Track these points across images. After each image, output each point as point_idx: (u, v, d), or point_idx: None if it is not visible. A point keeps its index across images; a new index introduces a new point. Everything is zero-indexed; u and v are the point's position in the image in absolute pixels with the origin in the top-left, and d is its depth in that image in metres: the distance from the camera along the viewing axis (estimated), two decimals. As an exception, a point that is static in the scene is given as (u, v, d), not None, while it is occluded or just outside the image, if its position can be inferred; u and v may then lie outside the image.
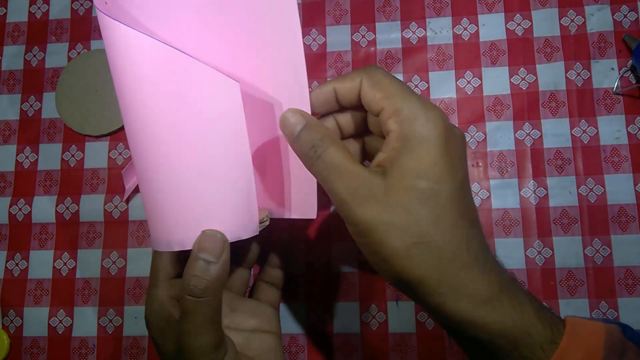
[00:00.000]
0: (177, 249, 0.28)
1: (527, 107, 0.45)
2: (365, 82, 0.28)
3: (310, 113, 0.29)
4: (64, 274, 0.46)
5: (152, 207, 0.29)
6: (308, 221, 0.45)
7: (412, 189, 0.25)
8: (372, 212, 0.25)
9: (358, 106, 0.30)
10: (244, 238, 0.29)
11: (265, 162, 0.33)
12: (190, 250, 0.28)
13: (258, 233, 0.30)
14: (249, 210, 0.29)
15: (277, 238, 0.45)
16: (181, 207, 0.28)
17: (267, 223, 0.31)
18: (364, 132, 0.33)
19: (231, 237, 0.28)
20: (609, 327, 0.27)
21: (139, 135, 0.28)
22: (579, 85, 0.44)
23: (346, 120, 0.32)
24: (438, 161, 0.26)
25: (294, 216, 0.33)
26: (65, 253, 0.47)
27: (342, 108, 0.31)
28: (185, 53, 0.26)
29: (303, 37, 0.48)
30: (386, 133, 0.27)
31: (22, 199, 0.48)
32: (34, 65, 0.50)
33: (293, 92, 0.30)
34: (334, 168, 0.26)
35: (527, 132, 0.44)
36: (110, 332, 0.45)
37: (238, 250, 0.36)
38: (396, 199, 0.25)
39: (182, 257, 0.32)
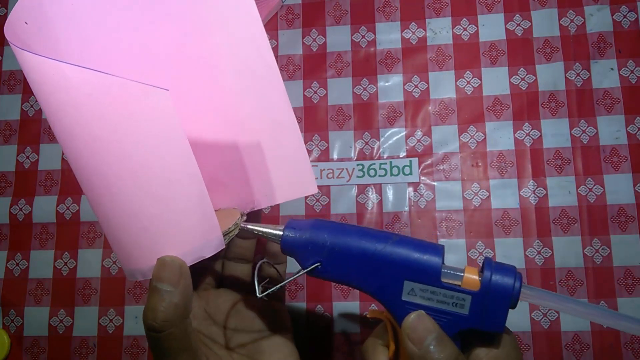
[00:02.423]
0: (141, 278, 0.27)
1: (526, 107, 0.45)
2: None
3: (278, 75, 0.28)
4: (65, 274, 0.46)
5: (111, 238, 0.27)
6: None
7: None
8: None
9: None
10: (208, 256, 0.27)
11: (240, 154, 0.31)
12: None
13: (225, 246, 0.28)
14: (208, 226, 0.27)
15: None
16: (134, 236, 0.26)
17: (237, 231, 0.29)
18: None
19: (192, 258, 0.26)
20: None
21: (78, 168, 0.26)
22: (579, 85, 0.44)
23: None
24: None
25: (293, 197, 0.31)
26: (66, 253, 0.47)
27: None
28: (104, 72, 0.23)
29: (303, 38, 0.48)
30: None
31: (22, 199, 0.48)
32: (34, 65, 0.50)
33: (258, 67, 0.28)
34: None
35: (527, 132, 0.44)
36: (110, 332, 0.45)
37: (230, 248, 0.35)
38: None
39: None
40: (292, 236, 0.29)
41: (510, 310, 0.26)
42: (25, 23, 0.25)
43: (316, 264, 0.28)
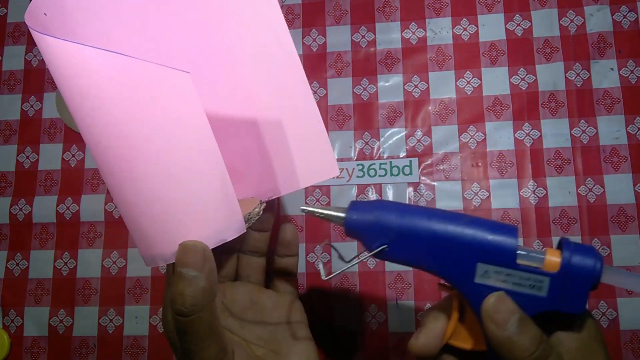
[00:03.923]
0: (161, 263, 0.27)
1: (526, 107, 0.45)
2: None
3: (298, 62, 0.28)
4: (65, 274, 0.46)
5: (131, 224, 0.27)
6: (308, 221, 0.45)
7: None
8: None
9: None
10: (230, 239, 0.27)
11: (257, 142, 0.31)
12: None
13: (246, 230, 0.28)
14: (229, 210, 0.27)
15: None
16: (156, 220, 0.26)
17: (258, 216, 0.29)
18: None
19: (214, 242, 0.27)
20: None
21: (99, 153, 0.26)
22: (579, 85, 0.44)
23: None
24: None
25: (316, 180, 0.31)
26: (66, 253, 0.47)
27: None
28: (126, 55, 0.23)
29: (303, 38, 0.48)
30: None
31: (22, 199, 0.48)
32: (34, 65, 0.50)
33: (276, 53, 0.28)
34: None
35: (527, 132, 0.44)
36: (110, 332, 0.45)
37: (245, 240, 0.35)
38: None
39: None
40: (356, 218, 0.28)
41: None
42: (45, 14, 0.25)
43: (383, 247, 0.27)
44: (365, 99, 0.46)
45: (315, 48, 0.48)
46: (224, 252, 0.34)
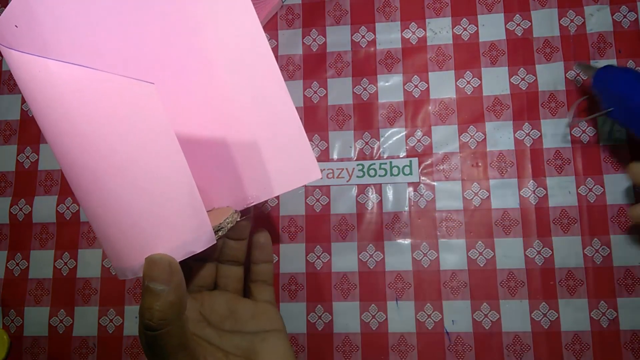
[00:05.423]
0: (131, 276, 0.27)
1: (526, 107, 0.45)
2: None
3: (275, 66, 0.28)
4: (65, 274, 0.46)
5: (100, 236, 0.27)
6: (308, 221, 0.45)
7: None
8: None
9: None
10: (199, 251, 0.27)
11: (229, 152, 0.31)
12: None
13: (215, 241, 0.28)
14: (198, 220, 0.27)
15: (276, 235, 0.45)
16: (123, 233, 0.26)
17: (231, 224, 0.29)
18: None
19: (182, 254, 0.26)
20: None
21: (66, 166, 0.26)
22: (579, 85, 0.44)
23: None
24: None
25: (296, 185, 0.31)
26: (66, 253, 0.47)
27: None
28: (90, 67, 0.23)
29: (303, 38, 0.48)
30: None
31: (22, 199, 0.48)
32: (34, 65, 0.50)
33: (253, 59, 0.28)
34: None
35: (527, 132, 0.44)
36: (110, 332, 0.45)
37: (221, 250, 0.35)
38: None
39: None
40: (602, 81, 0.39)
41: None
42: (16, 26, 0.25)
43: (609, 109, 0.39)
44: (365, 99, 0.46)
45: (315, 48, 0.48)
46: (201, 261, 0.34)
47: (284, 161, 0.30)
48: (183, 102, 0.30)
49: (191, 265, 0.34)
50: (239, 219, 0.30)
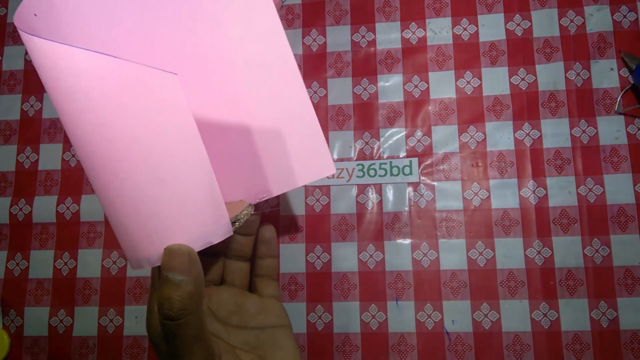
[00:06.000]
0: (147, 266, 0.27)
1: (526, 107, 0.45)
2: None
3: (294, 63, 0.28)
4: (65, 274, 0.46)
5: (117, 226, 0.27)
6: (308, 221, 0.45)
7: None
8: None
9: None
10: (216, 242, 0.27)
11: (248, 146, 0.31)
12: None
13: (232, 233, 0.28)
14: (216, 212, 0.27)
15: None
16: (141, 223, 0.26)
17: (245, 218, 0.29)
18: None
19: (200, 244, 0.26)
20: None
21: (86, 155, 0.26)
22: (579, 85, 0.44)
23: None
24: None
25: (312, 179, 0.31)
26: (66, 253, 0.47)
27: None
28: (114, 56, 0.23)
29: (303, 38, 0.48)
30: None
31: (22, 199, 0.48)
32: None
33: (273, 58, 0.28)
34: None
35: (527, 132, 0.44)
36: (110, 332, 0.45)
37: (230, 244, 0.35)
38: None
39: None
40: None
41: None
42: (35, 15, 0.25)
43: None
44: (365, 99, 0.46)
45: (315, 48, 0.48)
46: (210, 255, 0.34)
47: (301, 155, 0.31)
48: (201, 97, 0.30)
49: (201, 260, 0.34)
50: (252, 213, 0.30)
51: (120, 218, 0.26)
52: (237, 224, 0.29)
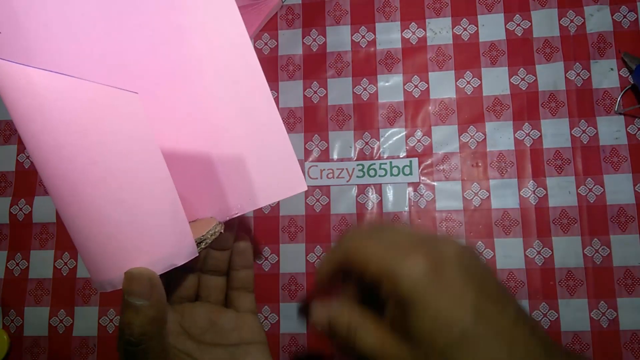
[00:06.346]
0: (110, 289, 0.26)
1: (526, 107, 0.45)
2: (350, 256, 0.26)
3: (262, 78, 0.28)
4: (65, 274, 0.46)
5: (80, 249, 0.26)
6: (308, 221, 0.45)
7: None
8: None
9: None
10: (180, 264, 0.27)
11: (214, 163, 0.31)
12: None
13: (198, 254, 0.27)
14: (180, 233, 0.26)
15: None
16: (102, 245, 0.25)
17: (215, 236, 0.29)
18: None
19: (163, 267, 0.26)
20: None
21: (46, 176, 0.25)
22: (579, 85, 0.44)
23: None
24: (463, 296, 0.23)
25: (282, 197, 0.31)
26: (66, 253, 0.47)
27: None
28: (72, 75, 0.23)
29: (303, 38, 0.48)
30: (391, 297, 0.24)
31: (22, 199, 0.48)
32: (34, 65, 0.50)
33: (240, 70, 0.28)
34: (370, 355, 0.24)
35: (527, 132, 0.44)
36: (110, 332, 0.45)
37: (204, 260, 0.35)
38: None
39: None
40: None
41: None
42: None
43: None
44: (365, 99, 0.46)
45: (315, 48, 0.48)
46: (184, 271, 0.33)
47: (269, 173, 0.30)
48: (168, 112, 0.30)
49: (173, 276, 0.33)
50: (222, 231, 0.30)
51: (82, 240, 0.26)
52: (202, 244, 0.28)
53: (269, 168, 0.30)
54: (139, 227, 0.25)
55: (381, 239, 0.26)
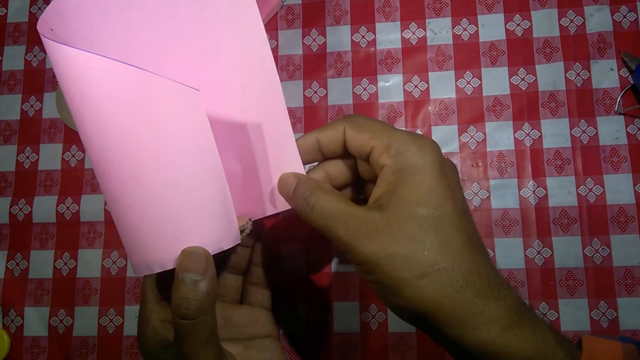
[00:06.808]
0: (158, 270, 0.27)
1: (526, 107, 0.45)
2: (349, 127, 0.29)
3: (284, 105, 0.29)
4: (65, 274, 0.46)
5: (126, 230, 0.28)
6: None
7: (413, 218, 0.25)
8: (376, 247, 0.25)
9: (344, 155, 0.30)
10: (226, 248, 0.28)
11: (240, 165, 0.32)
12: (173, 269, 0.27)
13: (240, 241, 0.29)
14: (228, 220, 0.28)
15: (274, 237, 0.45)
16: (155, 226, 0.27)
17: (249, 230, 0.31)
18: (357, 180, 0.32)
19: (212, 249, 0.27)
20: (627, 347, 0.26)
21: (102, 157, 0.27)
22: (579, 85, 0.44)
23: (337, 169, 0.32)
24: (436, 187, 0.26)
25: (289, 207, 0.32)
26: (66, 253, 0.47)
27: (327, 158, 0.31)
28: (141, 68, 0.25)
29: (303, 38, 0.48)
30: (379, 170, 0.27)
31: (22, 199, 0.48)
32: (34, 65, 0.50)
33: (262, 86, 0.30)
34: (329, 214, 0.27)
35: (527, 132, 0.44)
36: (110, 332, 0.45)
37: (227, 257, 0.35)
38: (398, 230, 0.25)
39: (171, 278, 0.30)
40: None
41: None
42: (51, 30, 0.27)
43: None
44: (365, 99, 0.46)
45: (315, 48, 0.48)
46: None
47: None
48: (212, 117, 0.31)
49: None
50: (252, 228, 0.31)
51: (134, 222, 0.27)
52: (243, 233, 0.30)
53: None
54: (194, 210, 0.27)
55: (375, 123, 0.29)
